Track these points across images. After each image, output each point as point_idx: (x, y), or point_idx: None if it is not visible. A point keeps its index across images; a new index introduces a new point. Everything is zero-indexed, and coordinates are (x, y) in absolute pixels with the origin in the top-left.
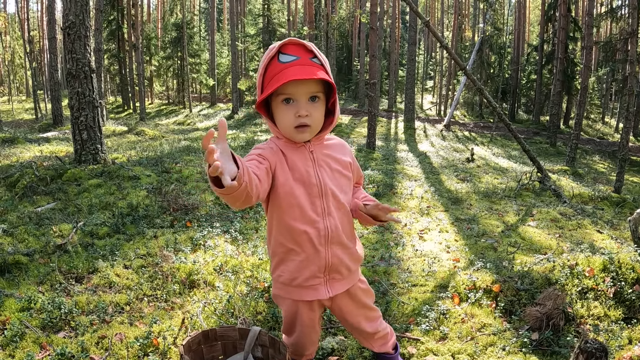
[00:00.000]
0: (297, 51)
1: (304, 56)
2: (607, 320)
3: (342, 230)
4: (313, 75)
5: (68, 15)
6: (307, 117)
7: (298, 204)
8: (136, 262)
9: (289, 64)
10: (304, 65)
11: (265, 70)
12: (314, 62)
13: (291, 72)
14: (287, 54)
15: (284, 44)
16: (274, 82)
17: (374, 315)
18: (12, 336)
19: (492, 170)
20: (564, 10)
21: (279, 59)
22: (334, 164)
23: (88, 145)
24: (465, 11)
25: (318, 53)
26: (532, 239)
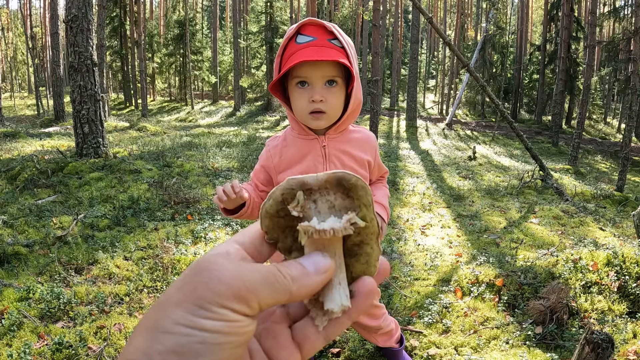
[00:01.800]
0: (315, 31)
1: (322, 37)
2: (611, 314)
3: None
4: (325, 57)
5: (71, 9)
6: (322, 102)
7: None
8: (136, 254)
9: (304, 44)
10: (320, 46)
11: (283, 51)
12: (332, 43)
13: (304, 53)
14: (304, 34)
15: (303, 24)
16: (288, 63)
17: (377, 312)
18: (9, 325)
19: (494, 169)
20: (567, 10)
21: (296, 39)
22: (347, 160)
23: (89, 138)
24: (468, 10)
25: (339, 34)
26: (534, 235)
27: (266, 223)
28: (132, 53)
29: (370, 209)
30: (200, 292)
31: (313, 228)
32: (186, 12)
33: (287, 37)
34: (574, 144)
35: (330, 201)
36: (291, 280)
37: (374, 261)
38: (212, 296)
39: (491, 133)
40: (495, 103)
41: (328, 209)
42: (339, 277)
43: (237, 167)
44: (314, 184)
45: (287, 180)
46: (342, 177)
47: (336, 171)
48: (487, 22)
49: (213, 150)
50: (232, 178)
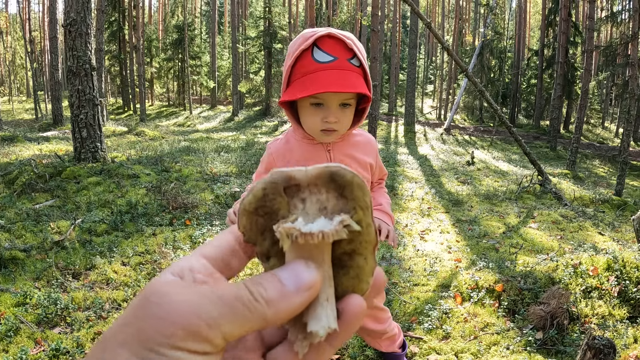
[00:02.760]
0: (335, 49)
1: (342, 56)
2: (612, 319)
3: None
4: (349, 88)
5: (69, 13)
6: (335, 123)
7: None
8: (134, 259)
9: (325, 65)
10: (341, 69)
11: (295, 61)
12: (351, 64)
13: (327, 79)
14: (323, 50)
15: (321, 36)
16: (306, 84)
17: (383, 316)
18: (6, 331)
19: (493, 173)
20: (564, 15)
21: (313, 54)
22: (352, 163)
23: (88, 143)
24: (466, 16)
25: (358, 50)
26: (533, 240)
27: (243, 222)
28: (131, 57)
29: (367, 213)
30: (147, 332)
31: (298, 231)
32: (185, 17)
33: (300, 48)
34: (572, 149)
35: (321, 201)
36: (265, 303)
37: (366, 277)
38: (161, 338)
39: (489, 138)
40: (494, 108)
41: (318, 210)
42: (327, 292)
43: (236, 172)
44: (302, 179)
45: (271, 172)
46: (336, 172)
47: (329, 165)
48: (485, 27)
49: (211, 155)
50: (231, 183)
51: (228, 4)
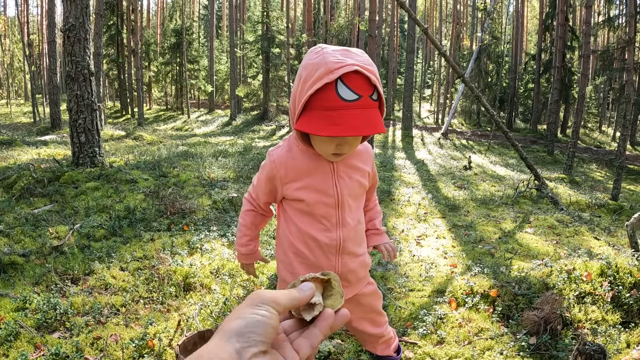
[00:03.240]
0: (360, 86)
1: (366, 94)
2: (605, 324)
3: (354, 240)
4: (375, 130)
5: (68, 18)
6: (348, 149)
7: (312, 213)
8: (132, 264)
9: (350, 104)
10: (365, 108)
11: (315, 91)
12: (372, 100)
13: (353, 121)
14: (348, 87)
15: (348, 71)
16: (331, 121)
17: (380, 319)
18: (6, 335)
19: (490, 178)
20: (561, 19)
21: (337, 89)
22: (354, 173)
23: (86, 148)
24: (463, 20)
25: (378, 84)
26: (529, 245)
27: None
28: (129, 61)
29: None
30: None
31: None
32: (183, 21)
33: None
34: (569, 153)
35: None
36: (298, 294)
37: (337, 303)
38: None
39: (487, 142)
40: (490, 113)
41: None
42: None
43: (233, 178)
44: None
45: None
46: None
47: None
48: (483, 32)
49: (209, 160)
50: (228, 188)
51: (226, 8)
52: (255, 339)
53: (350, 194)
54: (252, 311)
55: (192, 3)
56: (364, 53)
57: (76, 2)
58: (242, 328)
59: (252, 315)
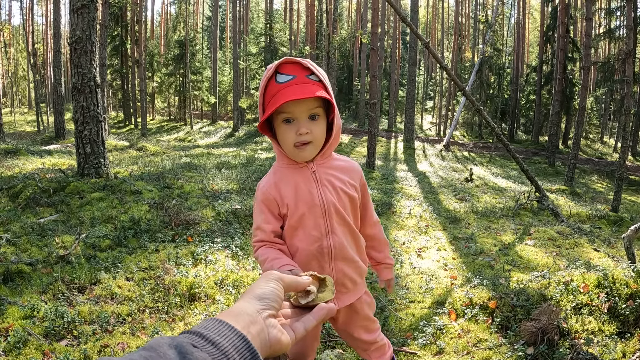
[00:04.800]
0: (293, 70)
1: (301, 74)
2: (601, 335)
3: (346, 246)
4: (310, 94)
5: (75, 30)
6: (307, 134)
7: (302, 225)
8: (138, 274)
9: (285, 84)
10: (301, 84)
11: (264, 90)
12: (311, 79)
13: (288, 92)
14: (283, 73)
15: (280, 63)
16: (272, 103)
17: (374, 326)
18: (15, 342)
19: (491, 190)
20: (562, 32)
21: (276, 79)
22: (337, 182)
23: (91, 158)
24: (465, 32)
25: (315, 69)
26: (529, 257)
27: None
28: (133, 72)
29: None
30: (268, 276)
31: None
32: (187, 32)
33: (266, 77)
34: (570, 165)
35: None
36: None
37: (327, 297)
38: (272, 277)
39: (488, 154)
40: (491, 126)
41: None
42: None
43: (237, 189)
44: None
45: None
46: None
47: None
48: (484, 44)
49: (212, 172)
50: (232, 200)
51: (229, 20)
52: (270, 304)
53: (335, 202)
54: (266, 284)
55: (196, 14)
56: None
57: (83, 15)
58: (261, 294)
59: (266, 286)
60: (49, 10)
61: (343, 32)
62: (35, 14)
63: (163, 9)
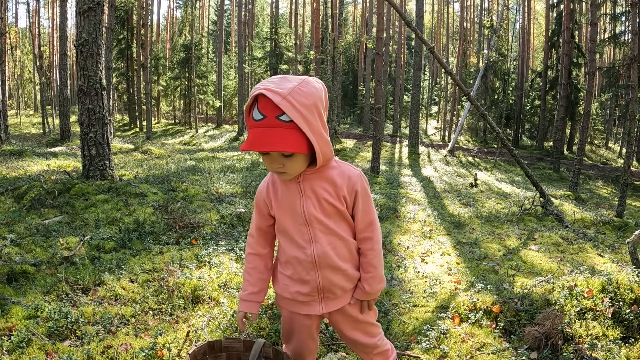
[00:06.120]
0: (265, 107)
1: (271, 114)
2: (605, 340)
3: (332, 255)
4: (270, 147)
5: (81, 33)
6: (280, 168)
7: (286, 231)
8: (142, 276)
9: (257, 123)
10: (268, 128)
11: (248, 113)
12: (281, 121)
13: (255, 136)
14: (259, 109)
15: (259, 94)
16: (247, 139)
17: (373, 330)
18: (18, 342)
19: (495, 195)
20: (567, 37)
21: (252, 111)
22: (323, 192)
23: (96, 161)
24: (470, 37)
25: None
26: (533, 262)
27: None
28: (138, 75)
29: None
30: None
31: None
32: (192, 36)
33: (248, 103)
34: (575, 170)
35: None
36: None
37: None
38: None
39: (493, 159)
40: (496, 131)
41: None
42: None
43: (241, 193)
44: None
45: None
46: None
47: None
48: (489, 49)
49: (217, 175)
50: (236, 204)
51: (235, 24)
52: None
53: (316, 213)
54: None
55: (202, 19)
56: (301, 80)
57: (90, 18)
58: None
59: None
60: (56, 13)
61: (348, 37)
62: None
63: (169, 13)
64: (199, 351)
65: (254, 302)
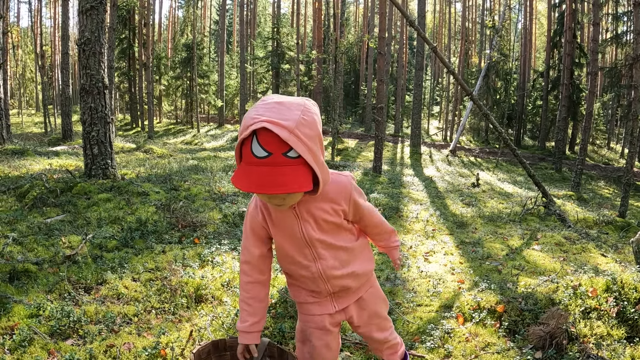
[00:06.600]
0: (270, 142)
1: (277, 151)
2: (609, 339)
3: (338, 265)
4: (276, 190)
5: (84, 32)
6: (282, 201)
7: (287, 254)
8: (144, 275)
9: (259, 160)
10: (274, 166)
11: (241, 145)
12: (288, 157)
13: (258, 178)
14: (259, 143)
15: (260, 127)
16: (245, 176)
17: (386, 324)
18: (20, 341)
19: (497, 195)
20: (569, 37)
21: (252, 145)
22: (320, 214)
23: (98, 160)
24: (472, 37)
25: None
26: (536, 262)
27: None
28: (140, 75)
29: None
30: None
31: None
32: (194, 36)
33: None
34: (577, 170)
35: None
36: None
37: None
38: None
39: (495, 159)
40: (499, 131)
41: None
42: None
43: (243, 192)
44: None
45: None
46: None
47: None
48: (491, 49)
49: (219, 175)
50: (239, 203)
51: (237, 23)
52: None
53: (320, 234)
54: None
55: (204, 18)
56: (299, 106)
57: (92, 17)
58: None
59: None
60: (57, 13)
61: (350, 37)
62: (43, 16)
63: (171, 13)
64: (203, 350)
65: (256, 333)
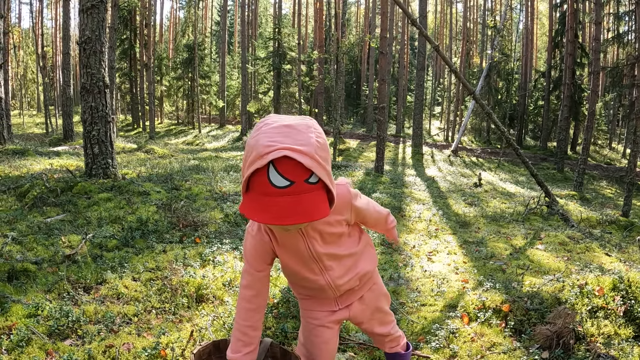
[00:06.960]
0: (291, 171)
1: (300, 179)
2: (617, 338)
3: (346, 272)
4: (305, 219)
5: (84, 31)
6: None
7: (294, 270)
8: (145, 275)
9: (280, 190)
10: (297, 195)
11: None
12: (309, 184)
13: (282, 209)
14: (279, 172)
15: (279, 156)
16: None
17: (388, 319)
18: (18, 341)
19: (500, 195)
20: (571, 36)
21: (269, 175)
22: (325, 228)
23: (99, 159)
24: (473, 37)
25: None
26: (540, 261)
27: None
28: (141, 75)
29: None
30: None
31: None
32: (195, 37)
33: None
34: (579, 170)
35: None
36: None
37: None
38: None
39: (496, 160)
40: (501, 130)
41: None
42: None
43: None
44: None
45: None
46: None
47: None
48: (492, 49)
49: (220, 174)
50: (240, 202)
51: (238, 24)
52: None
53: (328, 248)
54: None
55: (205, 19)
56: (309, 128)
57: (93, 15)
58: None
59: None
60: (58, 14)
61: (351, 37)
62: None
63: (172, 13)
64: (204, 350)
65: None
